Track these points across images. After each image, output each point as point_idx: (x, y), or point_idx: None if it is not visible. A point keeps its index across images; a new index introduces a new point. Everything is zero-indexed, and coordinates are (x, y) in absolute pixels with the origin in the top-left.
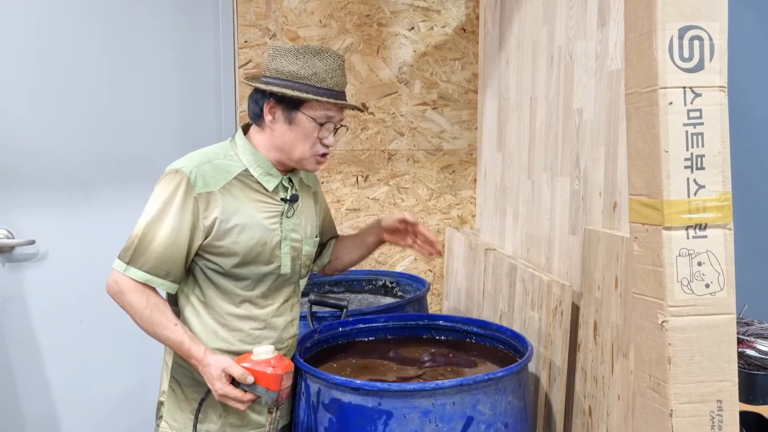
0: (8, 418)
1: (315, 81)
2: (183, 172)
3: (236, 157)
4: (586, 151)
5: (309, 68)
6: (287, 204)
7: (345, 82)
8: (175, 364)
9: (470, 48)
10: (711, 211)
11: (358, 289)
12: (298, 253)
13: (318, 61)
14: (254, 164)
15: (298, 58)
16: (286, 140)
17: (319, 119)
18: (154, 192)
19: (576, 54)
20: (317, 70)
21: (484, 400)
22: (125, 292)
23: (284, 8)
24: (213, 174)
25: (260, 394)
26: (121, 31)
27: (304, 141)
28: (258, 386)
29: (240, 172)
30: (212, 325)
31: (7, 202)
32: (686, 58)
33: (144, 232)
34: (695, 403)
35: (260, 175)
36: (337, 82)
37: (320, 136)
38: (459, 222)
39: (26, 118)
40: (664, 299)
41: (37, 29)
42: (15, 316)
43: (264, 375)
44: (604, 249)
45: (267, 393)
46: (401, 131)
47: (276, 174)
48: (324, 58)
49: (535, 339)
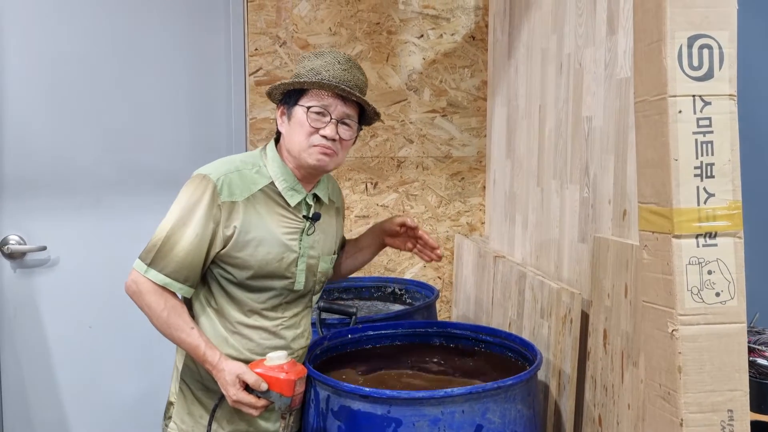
0: (19, 423)
1: (310, 75)
2: (210, 178)
3: (264, 168)
4: (595, 159)
5: (307, 66)
6: (309, 221)
7: (348, 78)
8: (185, 367)
9: (479, 56)
10: (721, 219)
11: (367, 296)
12: (313, 270)
13: (318, 59)
14: (280, 177)
15: (302, 62)
16: (288, 137)
17: (309, 105)
18: (179, 195)
19: (585, 62)
20: (314, 66)
21: (494, 408)
22: (144, 293)
23: (294, 16)
24: (239, 184)
25: (274, 399)
26: (132, 38)
27: (300, 131)
28: (272, 392)
29: (266, 185)
30: (223, 333)
31: (19, 209)
32: (695, 66)
33: (168, 236)
34: (706, 412)
35: (284, 190)
36: (334, 74)
37: (314, 125)
38: (468, 229)
39: (39, 125)
40: (674, 308)
41: (51, 37)
42: (26, 321)
43: (277, 381)
44: (614, 257)
45: (280, 398)
46: (410, 138)
47: (301, 190)
48: (324, 56)
49: (544, 347)
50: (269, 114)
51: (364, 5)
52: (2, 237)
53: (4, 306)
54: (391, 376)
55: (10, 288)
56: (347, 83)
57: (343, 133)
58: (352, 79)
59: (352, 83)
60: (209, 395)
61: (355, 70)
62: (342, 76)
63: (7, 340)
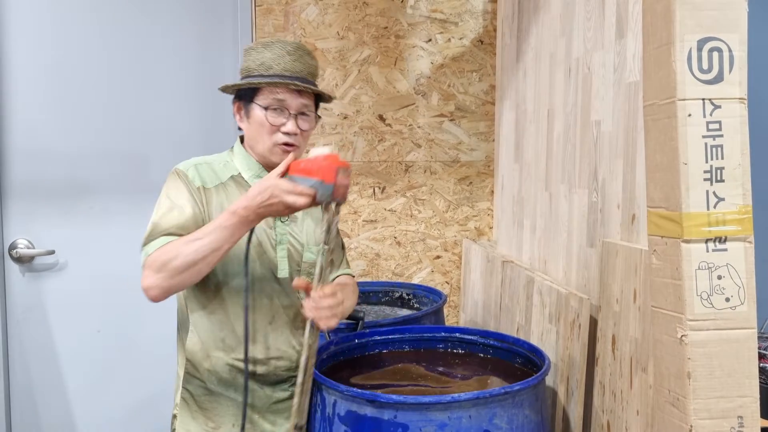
0: (27, 425)
1: (262, 70)
2: (180, 169)
3: (231, 162)
4: (604, 163)
5: (257, 60)
6: None
7: (299, 68)
8: (187, 374)
9: (487, 60)
10: (731, 224)
11: (375, 300)
12: (296, 259)
13: (267, 52)
14: (245, 167)
15: (251, 54)
16: (250, 137)
17: (266, 105)
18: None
19: (594, 66)
20: (264, 60)
21: (501, 413)
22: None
23: (302, 20)
24: (208, 173)
25: (315, 187)
26: (140, 43)
27: (261, 131)
28: (311, 179)
29: (234, 175)
30: (219, 334)
31: (27, 213)
32: (705, 69)
33: (157, 221)
34: (715, 419)
35: (250, 178)
36: (285, 67)
37: (274, 123)
38: (476, 234)
39: (47, 129)
40: (684, 313)
41: (58, 43)
42: (35, 324)
43: (318, 166)
44: (623, 262)
45: (322, 185)
46: (418, 143)
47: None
48: (273, 48)
49: (552, 352)
50: None
51: (372, 9)
52: (11, 241)
53: (12, 309)
54: (398, 381)
55: (18, 291)
56: (299, 73)
57: (303, 124)
58: (304, 68)
59: (305, 72)
60: (213, 399)
61: (306, 56)
62: (294, 67)
63: (15, 343)
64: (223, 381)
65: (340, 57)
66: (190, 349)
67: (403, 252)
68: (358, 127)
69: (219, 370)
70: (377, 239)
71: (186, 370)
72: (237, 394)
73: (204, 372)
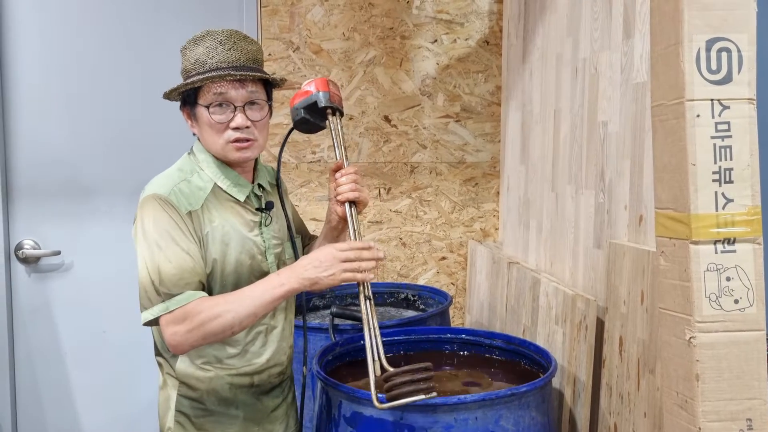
0: (33, 426)
1: (197, 68)
2: (162, 195)
3: (202, 172)
4: (611, 164)
5: (192, 59)
6: (264, 213)
7: (236, 56)
8: (180, 397)
9: (493, 60)
10: (740, 225)
11: (380, 302)
12: (282, 258)
13: (199, 47)
14: (221, 177)
15: (185, 54)
16: (204, 140)
17: (208, 103)
18: (142, 226)
19: (601, 66)
20: (198, 57)
21: (507, 415)
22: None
23: (308, 21)
24: (189, 193)
25: (314, 99)
26: (145, 45)
27: (211, 132)
28: (308, 97)
29: (211, 189)
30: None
31: (33, 213)
32: (714, 70)
33: (164, 269)
34: (724, 421)
35: (229, 187)
36: (220, 59)
37: (220, 121)
38: (482, 235)
39: (53, 130)
40: (692, 315)
41: (64, 45)
42: (40, 325)
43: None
44: (630, 263)
45: (317, 94)
46: (424, 144)
47: (245, 183)
48: (204, 41)
49: (558, 354)
50: (283, 119)
51: (378, 10)
52: (17, 241)
53: (18, 310)
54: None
55: (24, 292)
56: (236, 62)
57: (253, 115)
58: (241, 55)
59: (243, 59)
60: (214, 419)
61: (241, 42)
62: (229, 56)
63: (21, 343)
64: (223, 400)
65: (345, 58)
66: (183, 372)
67: (409, 253)
68: (363, 128)
69: (219, 389)
70: (382, 240)
71: (179, 392)
72: (238, 410)
73: (202, 393)
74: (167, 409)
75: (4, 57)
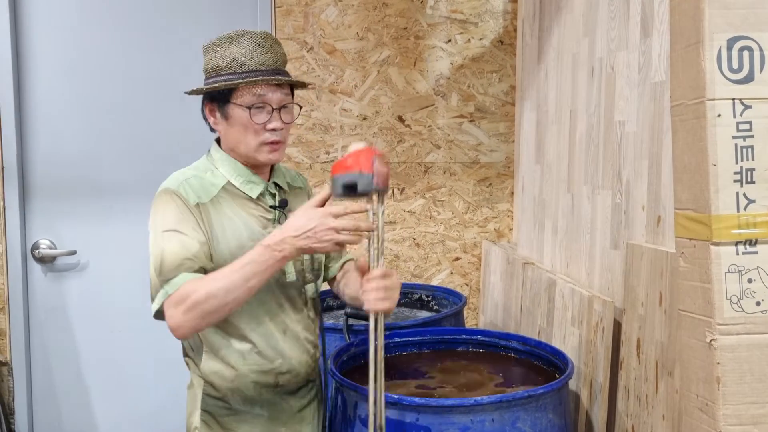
0: (49, 425)
1: (234, 67)
2: (171, 189)
3: (217, 170)
4: (628, 164)
5: (226, 57)
6: (277, 210)
7: (273, 59)
8: (206, 396)
9: (508, 60)
10: (761, 226)
11: None
12: (301, 259)
13: (235, 47)
14: (234, 174)
15: (216, 51)
16: (231, 138)
17: (249, 104)
18: (152, 219)
19: (618, 66)
20: (234, 56)
21: (524, 417)
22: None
23: (322, 21)
24: (199, 187)
25: (356, 180)
26: (160, 45)
27: (245, 133)
28: (350, 173)
29: (224, 184)
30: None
31: (49, 213)
32: (735, 69)
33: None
34: (746, 425)
35: (242, 184)
36: (259, 61)
37: (259, 122)
38: (496, 235)
39: (69, 131)
40: (713, 317)
41: (81, 45)
42: (56, 324)
43: (354, 159)
44: (648, 264)
45: (361, 176)
46: (438, 144)
47: (258, 181)
48: (240, 42)
49: (575, 356)
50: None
51: (392, 10)
52: (33, 241)
53: (34, 309)
54: (419, 384)
55: (40, 291)
56: (275, 65)
57: (286, 117)
58: (278, 58)
59: (279, 62)
60: (239, 418)
61: (276, 46)
62: (267, 59)
63: (37, 342)
64: (248, 399)
65: (359, 58)
66: (208, 371)
67: (422, 253)
68: (377, 128)
69: (243, 388)
70: (396, 240)
71: (204, 391)
72: (263, 410)
73: (226, 392)
74: (194, 408)
75: (22, 57)
